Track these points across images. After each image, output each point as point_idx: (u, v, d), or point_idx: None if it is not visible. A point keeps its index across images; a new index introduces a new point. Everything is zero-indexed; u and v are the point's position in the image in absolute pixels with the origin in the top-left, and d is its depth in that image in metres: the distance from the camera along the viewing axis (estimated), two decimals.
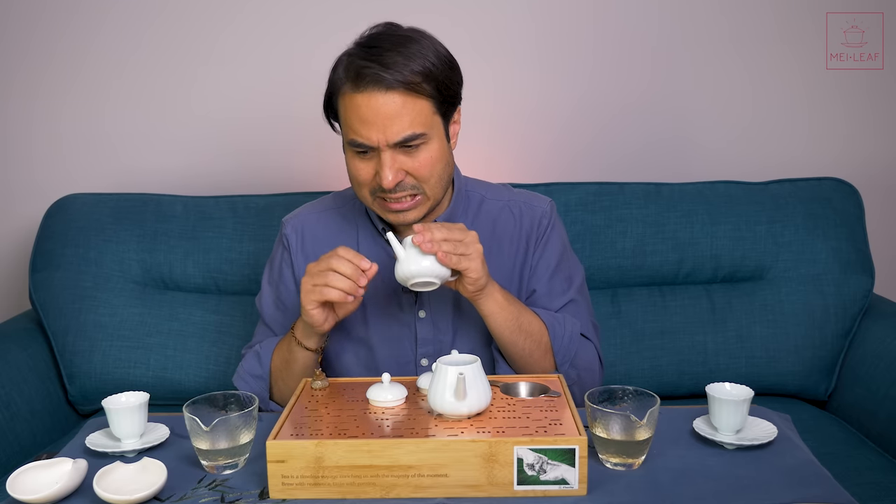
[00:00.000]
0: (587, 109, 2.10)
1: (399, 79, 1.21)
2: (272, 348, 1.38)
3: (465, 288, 1.25)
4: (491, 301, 1.28)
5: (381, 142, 1.23)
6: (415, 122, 1.24)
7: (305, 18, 2.04)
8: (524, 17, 2.06)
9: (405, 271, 1.19)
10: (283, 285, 1.45)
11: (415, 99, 1.23)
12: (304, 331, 1.30)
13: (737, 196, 1.87)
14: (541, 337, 1.33)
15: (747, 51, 2.07)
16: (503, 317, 1.29)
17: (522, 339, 1.31)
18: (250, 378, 1.37)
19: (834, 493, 0.98)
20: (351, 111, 1.24)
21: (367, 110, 1.22)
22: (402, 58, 1.22)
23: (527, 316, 1.32)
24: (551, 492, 0.98)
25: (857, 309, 1.80)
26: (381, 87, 1.21)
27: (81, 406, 1.86)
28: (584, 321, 1.42)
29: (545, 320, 1.35)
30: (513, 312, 1.30)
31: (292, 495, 0.99)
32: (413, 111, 1.23)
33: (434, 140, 1.27)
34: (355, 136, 1.25)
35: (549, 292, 1.41)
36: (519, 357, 1.33)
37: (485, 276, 1.24)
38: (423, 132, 1.25)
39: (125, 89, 2.09)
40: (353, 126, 1.25)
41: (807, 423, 1.67)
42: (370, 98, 1.22)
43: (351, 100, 1.24)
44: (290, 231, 1.45)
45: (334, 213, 1.46)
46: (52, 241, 1.86)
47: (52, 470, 1.02)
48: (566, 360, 1.35)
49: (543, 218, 1.43)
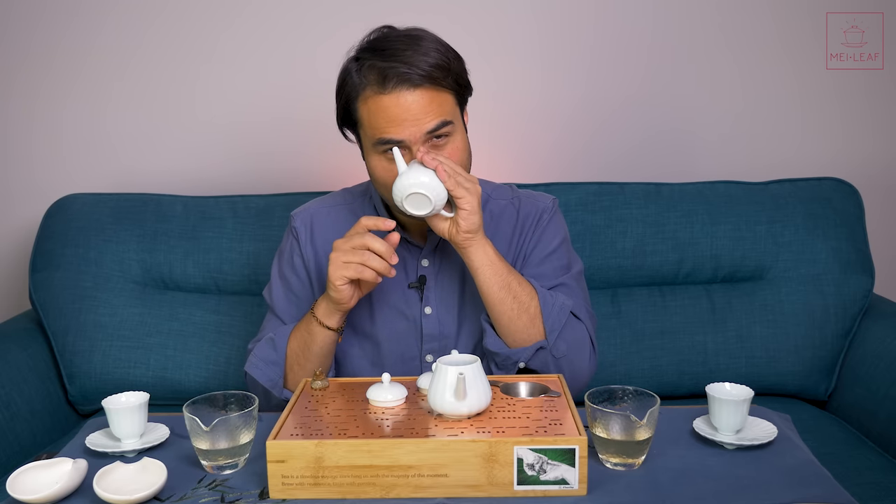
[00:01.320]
0: (587, 109, 2.10)
1: (423, 75, 1.23)
2: (287, 333, 1.37)
3: (458, 226, 1.25)
4: (481, 252, 1.28)
5: (415, 135, 1.24)
6: (444, 112, 1.26)
7: (306, 19, 2.04)
8: (524, 17, 2.06)
9: (403, 182, 1.21)
10: (294, 276, 1.45)
11: (439, 92, 1.26)
12: (328, 309, 1.30)
13: (737, 196, 1.87)
14: (530, 301, 1.31)
15: (747, 51, 2.07)
16: (492, 270, 1.29)
17: (510, 299, 1.29)
18: (264, 364, 1.35)
19: (834, 493, 0.97)
20: (378, 113, 1.25)
21: (397, 109, 1.23)
22: (419, 55, 1.24)
23: (517, 277, 1.32)
24: (551, 492, 0.98)
25: (857, 309, 1.80)
26: (408, 85, 1.23)
27: (81, 406, 1.86)
28: (577, 304, 1.38)
29: (536, 287, 1.33)
30: (502, 269, 1.29)
31: (292, 495, 0.99)
32: (441, 103, 1.26)
33: (458, 131, 1.30)
34: (385, 135, 1.25)
35: (539, 275, 1.39)
36: (507, 319, 1.30)
37: (478, 218, 1.25)
38: (451, 120, 1.27)
39: (125, 89, 2.09)
40: (382, 126, 1.25)
41: (807, 423, 1.67)
42: (399, 97, 1.23)
43: (377, 101, 1.24)
44: (299, 224, 1.45)
45: (343, 208, 1.47)
46: (52, 241, 1.86)
47: (52, 470, 1.02)
48: (555, 328, 1.31)
49: (545, 213, 1.44)
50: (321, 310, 1.31)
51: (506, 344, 1.32)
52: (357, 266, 1.23)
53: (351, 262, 1.23)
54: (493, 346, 1.33)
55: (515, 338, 1.31)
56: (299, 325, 1.37)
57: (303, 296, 1.44)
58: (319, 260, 1.43)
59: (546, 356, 1.31)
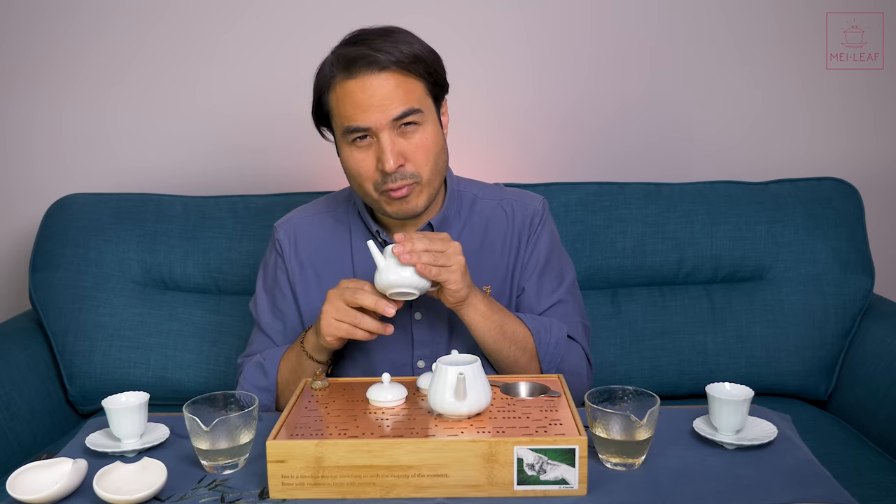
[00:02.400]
0: (585, 108, 2.10)
1: (391, 59, 1.22)
2: (277, 359, 1.37)
3: (446, 299, 1.25)
4: (473, 311, 1.28)
5: (381, 122, 1.23)
6: (410, 98, 1.25)
7: (306, 21, 2.04)
8: (521, 15, 2.06)
9: (384, 280, 1.19)
10: (278, 292, 1.44)
11: (408, 78, 1.25)
12: (316, 346, 1.30)
13: (737, 196, 1.87)
14: (526, 343, 1.33)
15: (747, 50, 2.07)
16: (487, 326, 1.29)
17: (507, 346, 1.31)
18: (256, 390, 1.36)
19: (834, 493, 0.97)
20: (345, 99, 1.25)
21: (362, 94, 1.23)
22: (389, 43, 1.24)
23: (511, 324, 1.32)
24: (551, 492, 0.98)
25: (857, 309, 1.80)
26: (374, 68, 1.22)
27: (81, 406, 1.86)
28: (573, 322, 1.41)
29: (530, 326, 1.34)
30: (496, 321, 1.30)
31: (292, 495, 0.99)
32: (407, 89, 1.24)
33: (429, 122, 1.28)
34: (351, 122, 1.25)
35: (537, 291, 1.41)
36: (505, 363, 1.33)
37: (465, 288, 1.24)
38: (419, 109, 1.26)
39: (125, 90, 2.09)
40: (349, 113, 1.25)
41: (807, 423, 1.67)
42: (364, 81, 1.23)
43: (344, 87, 1.24)
44: (282, 236, 1.44)
45: (327, 215, 1.46)
46: (52, 241, 1.86)
47: (52, 470, 1.02)
48: (552, 365, 1.35)
49: (535, 216, 1.43)
50: (310, 345, 1.31)
51: None
52: (347, 327, 1.22)
53: (343, 322, 1.22)
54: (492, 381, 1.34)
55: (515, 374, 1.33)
56: (288, 353, 1.36)
57: (288, 311, 1.44)
58: (305, 271, 1.42)
59: None
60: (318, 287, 1.41)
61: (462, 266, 1.22)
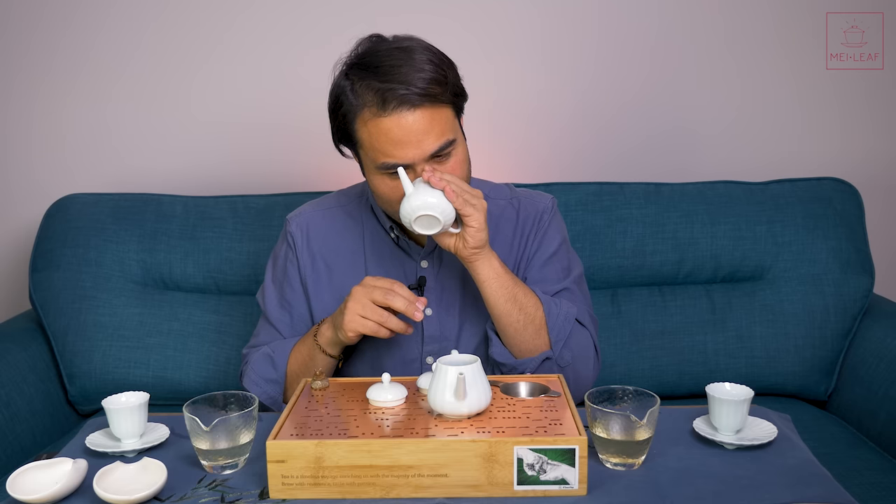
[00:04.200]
0: (587, 109, 2.10)
1: (421, 93, 1.21)
2: (287, 352, 1.37)
3: (465, 242, 1.25)
4: (487, 266, 1.28)
5: (418, 157, 1.23)
6: (445, 130, 1.24)
7: (306, 20, 2.04)
8: (523, 17, 2.06)
9: (412, 204, 1.19)
10: (287, 285, 1.44)
11: (439, 109, 1.24)
12: (332, 340, 1.30)
13: (737, 196, 1.87)
14: (535, 312, 1.31)
15: (747, 51, 2.07)
16: (498, 283, 1.29)
17: (517, 311, 1.30)
18: (264, 382, 1.37)
19: (834, 493, 0.97)
20: (380, 136, 1.23)
21: (399, 131, 1.22)
22: (414, 71, 1.21)
23: (522, 289, 1.32)
24: (551, 492, 0.98)
25: (857, 309, 1.80)
26: (408, 106, 1.21)
27: (81, 406, 1.86)
28: (581, 309, 1.39)
29: (541, 297, 1.33)
30: (508, 282, 1.30)
31: (292, 495, 0.99)
32: (441, 121, 1.24)
33: (460, 142, 1.29)
34: (389, 159, 1.23)
35: (541, 279, 1.40)
36: (513, 331, 1.31)
37: (485, 233, 1.25)
38: (454, 138, 1.26)
39: (125, 90, 2.09)
40: (385, 149, 1.23)
41: (807, 423, 1.67)
42: (400, 118, 1.21)
43: (377, 124, 1.22)
44: (294, 229, 1.44)
45: (339, 211, 1.46)
46: (52, 241, 1.86)
47: (52, 470, 1.02)
48: (560, 338, 1.32)
49: (545, 213, 1.44)
50: (325, 339, 1.31)
51: (512, 354, 1.33)
52: (374, 325, 1.24)
53: (369, 320, 1.23)
54: (499, 356, 1.33)
55: (521, 348, 1.32)
56: (300, 346, 1.37)
57: (296, 304, 1.44)
58: (317, 264, 1.43)
59: (551, 366, 1.32)
60: (329, 280, 1.42)
61: (485, 210, 1.24)
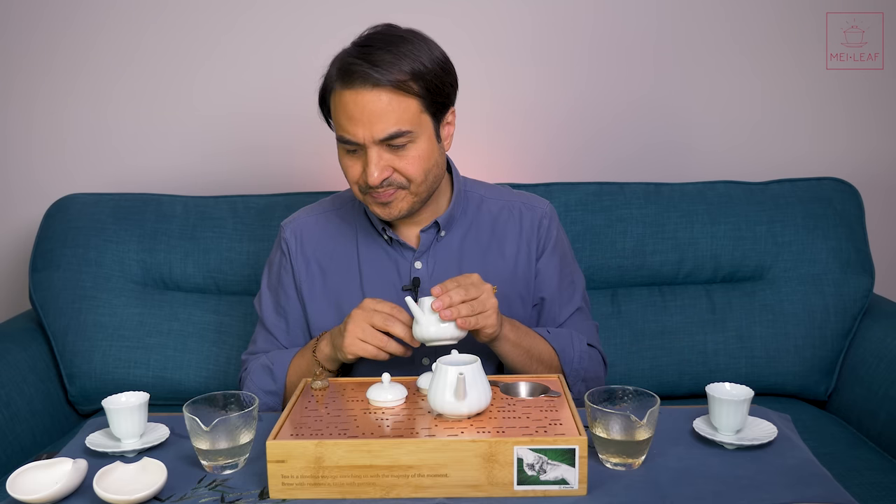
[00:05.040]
0: (586, 108, 2.10)
1: (387, 77, 1.22)
2: (286, 364, 1.37)
3: (480, 339, 1.27)
4: (504, 343, 1.30)
5: (367, 138, 1.24)
6: (401, 119, 1.24)
7: (306, 19, 2.04)
8: (522, 15, 2.06)
9: (424, 334, 1.20)
10: (282, 291, 1.45)
11: (401, 97, 1.24)
12: (330, 357, 1.31)
13: (737, 196, 1.87)
14: (551, 361, 1.37)
15: (747, 50, 2.07)
16: (516, 353, 1.32)
17: (534, 365, 1.34)
18: (263, 394, 1.37)
19: (834, 493, 0.98)
20: (339, 108, 1.26)
21: (353, 107, 1.23)
22: (391, 56, 1.23)
23: (538, 346, 1.35)
24: (551, 492, 0.98)
25: (857, 309, 1.80)
26: (367, 84, 1.22)
27: (81, 406, 1.86)
28: (589, 327, 1.46)
29: (554, 345, 1.37)
30: (524, 347, 1.33)
31: (292, 495, 0.99)
32: (399, 109, 1.24)
33: (422, 139, 1.27)
34: (343, 133, 1.26)
35: (558, 300, 1.45)
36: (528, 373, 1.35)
37: (499, 328, 1.26)
38: (410, 130, 1.25)
39: (125, 90, 2.09)
40: (341, 123, 1.26)
41: (807, 423, 1.67)
42: (357, 95, 1.23)
43: (340, 97, 1.25)
44: (289, 235, 1.45)
45: (333, 214, 1.46)
46: (52, 241, 1.86)
47: (52, 470, 1.02)
48: (577, 379, 1.38)
49: (544, 219, 1.44)
50: (323, 355, 1.32)
51: None
52: (374, 350, 1.23)
53: (368, 344, 1.23)
54: None
55: None
56: (298, 359, 1.37)
57: (291, 311, 1.45)
58: (311, 270, 1.43)
59: None
60: (323, 285, 1.42)
61: (496, 308, 1.23)
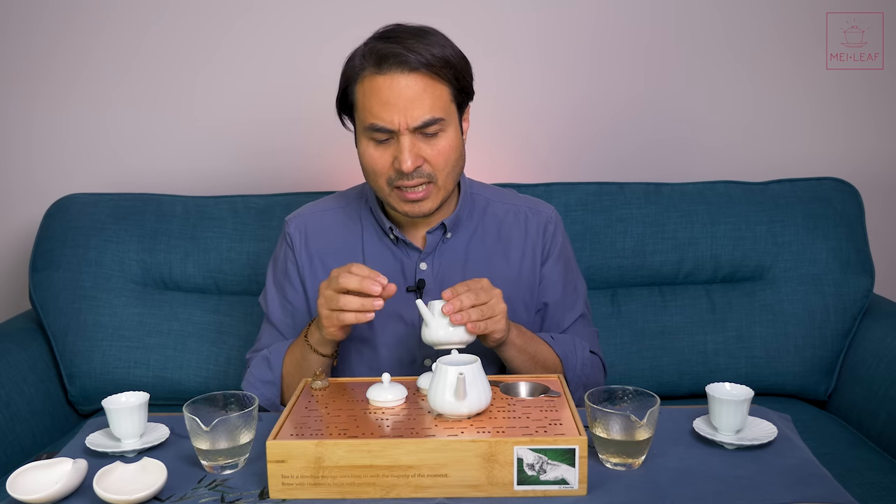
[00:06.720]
0: (587, 109, 2.10)
1: (422, 61, 1.22)
2: (283, 353, 1.37)
3: (488, 343, 1.27)
4: (510, 348, 1.31)
5: (402, 125, 1.24)
6: (435, 106, 1.25)
7: (306, 20, 2.04)
8: (524, 16, 2.06)
9: (434, 337, 1.19)
10: (288, 285, 1.45)
11: (436, 83, 1.25)
12: (320, 340, 1.30)
13: (737, 196, 1.87)
14: (555, 367, 1.37)
15: (747, 51, 2.07)
16: (521, 358, 1.33)
17: (538, 370, 1.35)
18: (260, 384, 1.37)
19: (834, 493, 0.98)
20: (372, 94, 1.24)
21: (389, 92, 1.23)
22: (422, 44, 1.24)
23: (542, 352, 1.36)
24: (551, 492, 0.98)
25: (857, 309, 1.80)
26: (404, 68, 1.22)
27: (81, 406, 1.86)
28: (591, 333, 1.47)
29: (558, 352, 1.38)
30: (530, 353, 1.33)
31: (292, 495, 0.99)
32: (434, 95, 1.24)
33: (451, 129, 1.29)
34: (375, 121, 1.25)
35: (562, 306, 1.45)
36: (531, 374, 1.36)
37: (507, 332, 1.26)
38: (443, 118, 1.26)
39: (126, 90, 2.09)
40: (374, 110, 1.25)
41: (807, 423, 1.67)
42: (393, 79, 1.23)
43: (372, 82, 1.24)
44: (293, 230, 1.45)
45: (338, 212, 1.46)
46: (52, 241, 1.86)
47: (52, 470, 1.02)
48: (579, 385, 1.39)
49: (549, 224, 1.45)
50: (314, 339, 1.31)
51: None
52: (337, 314, 1.20)
53: (333, 311, 1.20)
54: None
55: None
56: (293, 347, 1.37)
57: (298, 304, 1.44)
58: (315, 265, 1.43)
59: None
60: None
61: (505, 313, 1.23)
